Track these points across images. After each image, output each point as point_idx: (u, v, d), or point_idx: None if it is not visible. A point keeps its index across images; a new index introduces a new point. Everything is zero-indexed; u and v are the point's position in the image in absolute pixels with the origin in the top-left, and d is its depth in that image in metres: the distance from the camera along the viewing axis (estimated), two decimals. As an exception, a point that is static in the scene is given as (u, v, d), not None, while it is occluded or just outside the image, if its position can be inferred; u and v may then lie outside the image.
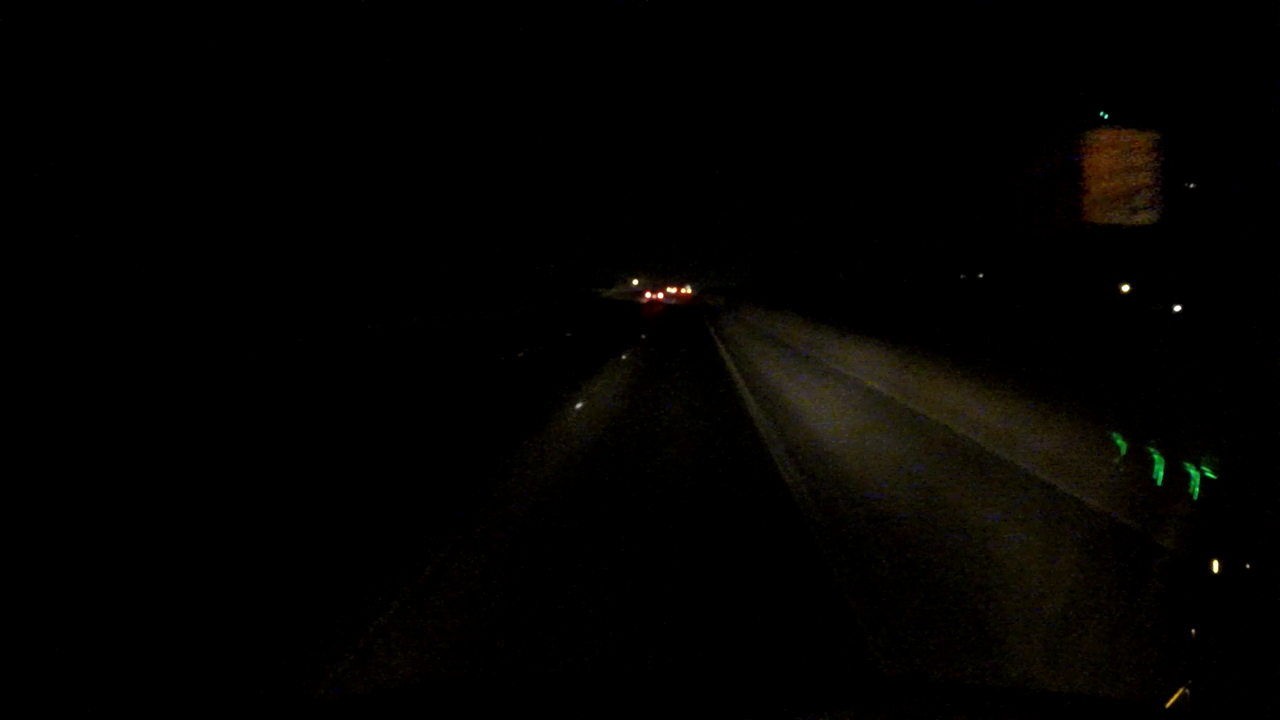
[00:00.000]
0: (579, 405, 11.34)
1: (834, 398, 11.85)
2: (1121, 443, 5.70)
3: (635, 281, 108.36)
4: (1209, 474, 4.61)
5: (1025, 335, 14.02)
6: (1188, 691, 2.01)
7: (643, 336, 27.01)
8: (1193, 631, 3.38)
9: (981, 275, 29.10)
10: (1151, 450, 5.21)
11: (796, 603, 4.54)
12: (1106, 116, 21.19)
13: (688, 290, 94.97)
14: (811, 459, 8.05)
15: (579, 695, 1.91)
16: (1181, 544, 4.40)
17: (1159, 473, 5.07)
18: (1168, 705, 2.03)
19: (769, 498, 6.73)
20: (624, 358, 18.66)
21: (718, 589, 4.71)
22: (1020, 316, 18.18)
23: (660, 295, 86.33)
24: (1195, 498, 4.62)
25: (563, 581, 4.82)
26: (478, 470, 7.52)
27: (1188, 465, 4.77)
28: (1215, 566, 3.77)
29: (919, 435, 8.53)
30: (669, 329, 32.48)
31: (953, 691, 2.67)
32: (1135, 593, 4.07)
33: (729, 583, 4.80)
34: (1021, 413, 7.10)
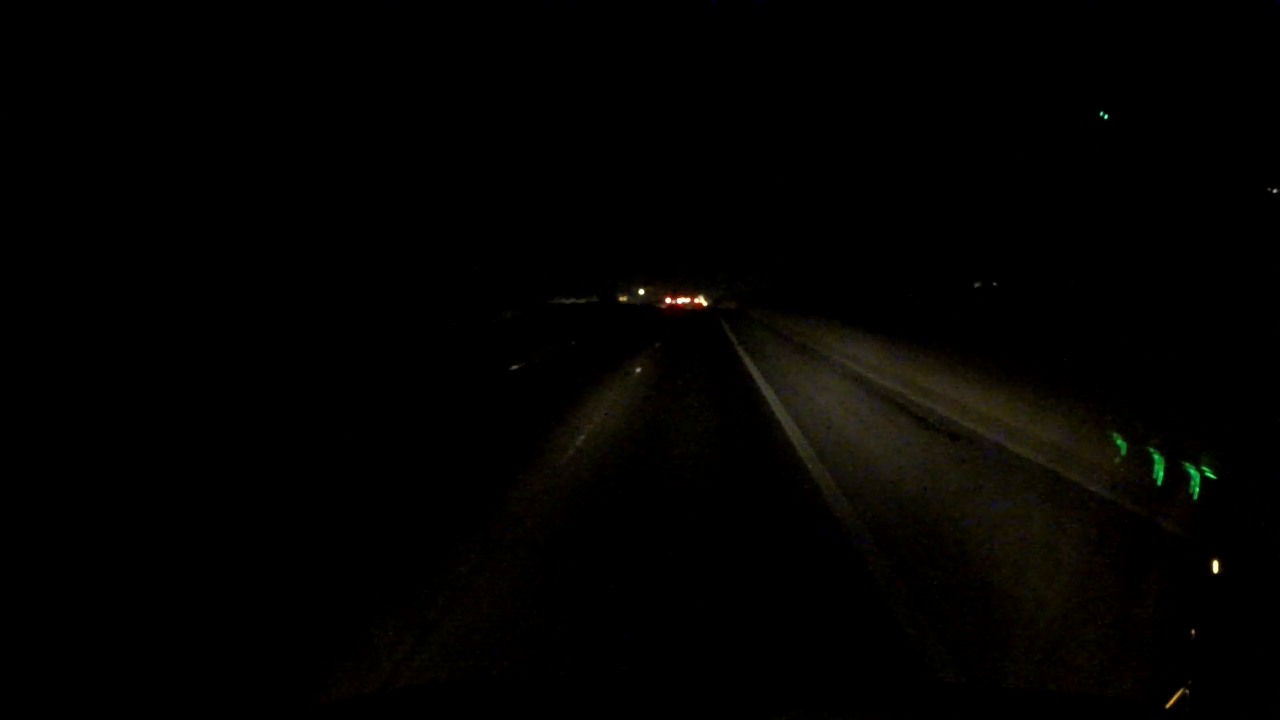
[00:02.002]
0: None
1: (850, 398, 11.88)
2: (1121, 443, 5.71)
3: (642, 291, 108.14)
4: (1209, 474, 4.62)
5: (1036, 338, 14.14)
6: (1188, 691, 2.01)
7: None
8: (1192, 631, 3.38)
9: (995, 284, 29.05)
10: (1152, 450, 5.22)
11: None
12: (1106, 116, 21.18)
13: (701, 301, 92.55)
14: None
15: (601, 695, 1.90)
16: (1181, 540, 4.41)
17: (1159, 473, 5.08)
18: (1168, 705, 2.03)
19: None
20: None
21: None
22: (1030, 320, 18.27)
23: (679, 302, 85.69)
24: (1195, 498, 4.63)
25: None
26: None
27: (1187, 465, 4.78)
28: (1215, 566, 3.78)
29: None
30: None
31: (950, 692, 2.68)
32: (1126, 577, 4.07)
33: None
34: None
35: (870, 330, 15.62)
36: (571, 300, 67.91)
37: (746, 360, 18.71)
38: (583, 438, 8.36)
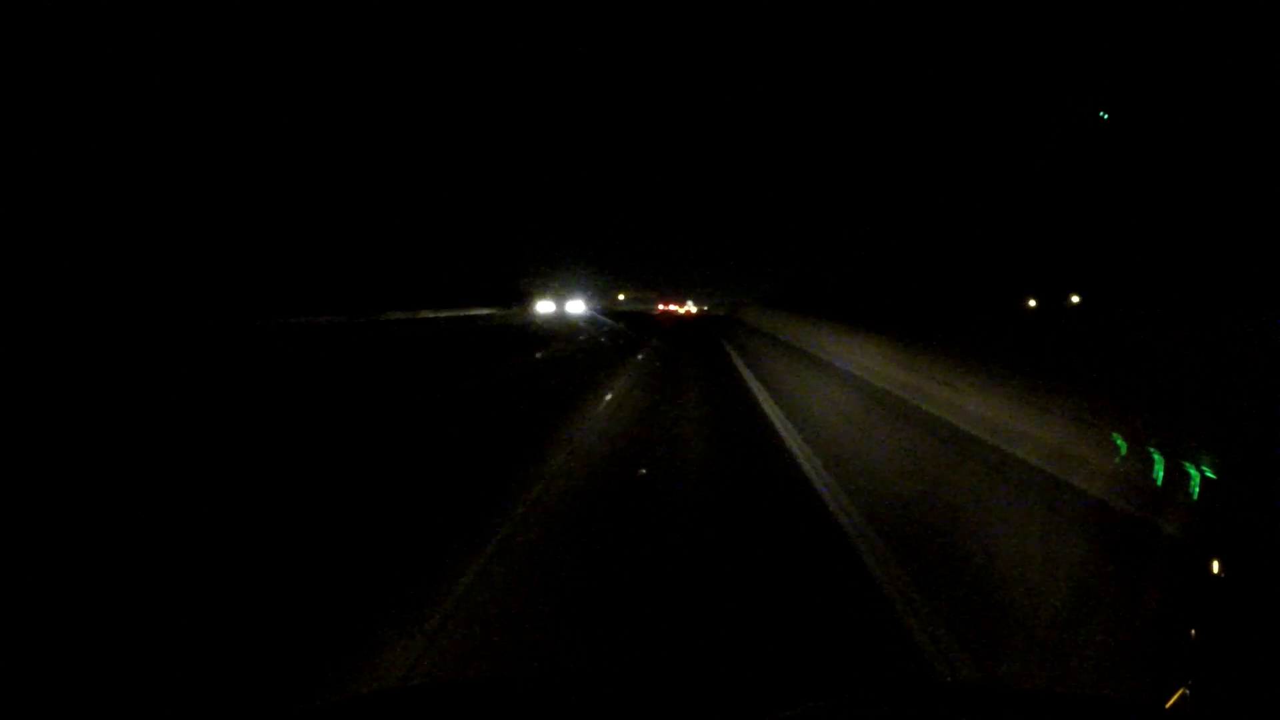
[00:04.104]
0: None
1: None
2: (1121, 443, 5.70)
3: (622, 296, 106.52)
4: (1209, 474, 4.61)
5: (1034, 338, 14.16)
6: (1188, 691, 2.01)
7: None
8: (1192, 631, 3.38)
9: (986, 286, 28.99)
10: (1152, 450, 5.21)
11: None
12: (1106, 116, 21.15)
13: (690, 308, 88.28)
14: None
15: (607, 695, 1.90)
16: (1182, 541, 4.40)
17: (1159, 473, 5.07)
18: (1168, 705, 2.02)
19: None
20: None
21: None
22: (1027, 321, 18.30)
23: (671, 308, 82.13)
24: (1195, 498, 4.62)
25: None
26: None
27: (1188, 465, 4.77)
28: (1215, 566, 3.77)
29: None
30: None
31: (948, 692, 2.68)
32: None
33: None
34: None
35: (854, 328, 16.09)
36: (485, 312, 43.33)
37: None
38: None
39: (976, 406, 8.15)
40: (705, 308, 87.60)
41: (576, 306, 51.29)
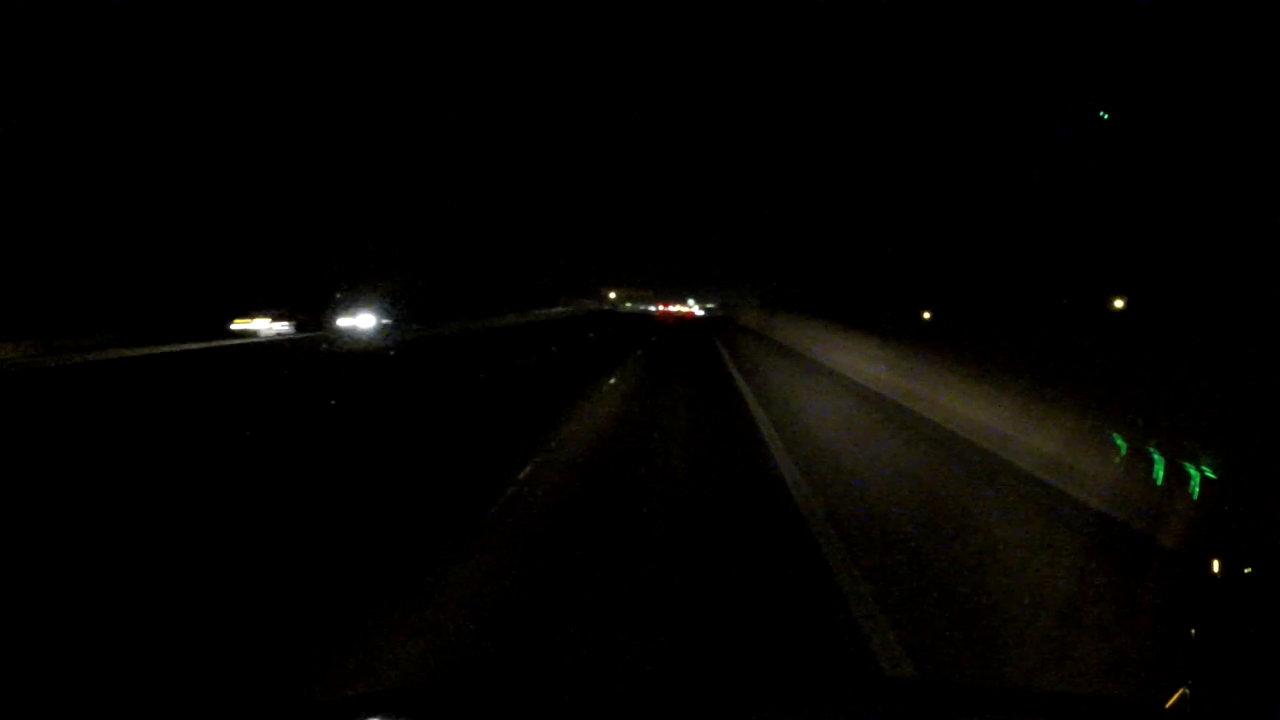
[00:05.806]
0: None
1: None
2: (1121, 443, 5.70)
3: (613, 295, 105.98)
4: (1209, 474, 4.62)
5: (1033, 341, 14.20)
6: (1188, 691, 2.00)
7: None
8: (1193, 631, 3.37)
9: (983, 287, 29.07)
10: (1152, 450, 5.21)
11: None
12: (1107, 116, 21.18)
13: (693, 309, 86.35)
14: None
15: (576, 694, 1.90)
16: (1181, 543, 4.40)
17: (1159, 473, 5.07)
18: (1168, 705, 2.02)
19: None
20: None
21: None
22: (1027, 323, 18.33)
23: (670, 309, 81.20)
24: (1195, 497, 4.62)
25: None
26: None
27: (1187, 465, 4.78)
28: (1215, 566, 3.77)
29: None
30: None
31: (950, 692, 2.67)
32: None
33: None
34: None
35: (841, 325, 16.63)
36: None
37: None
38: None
39: (986, 416, 8.16)
40: (711, 306, 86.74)
41: (365, 321, 40.74)
